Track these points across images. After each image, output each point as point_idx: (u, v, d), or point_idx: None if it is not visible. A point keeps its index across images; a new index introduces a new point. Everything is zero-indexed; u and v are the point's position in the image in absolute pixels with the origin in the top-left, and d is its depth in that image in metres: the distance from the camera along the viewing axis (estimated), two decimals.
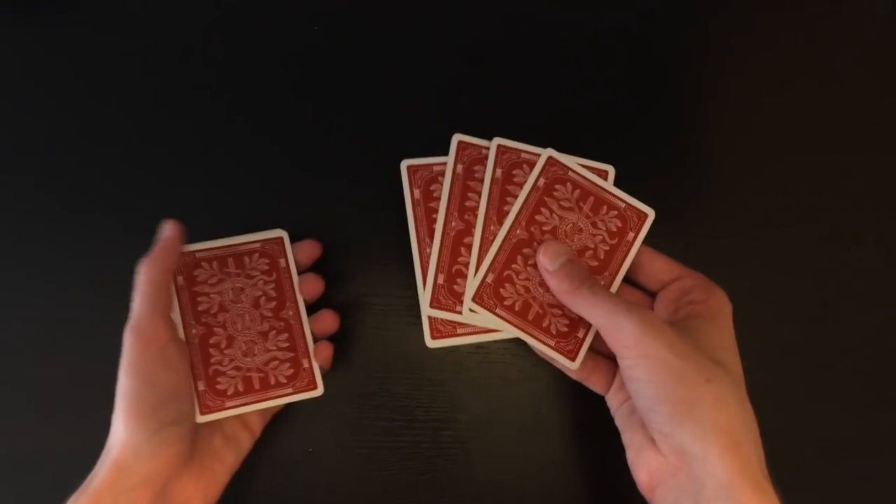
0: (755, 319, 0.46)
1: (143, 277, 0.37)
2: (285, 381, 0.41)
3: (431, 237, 0.40)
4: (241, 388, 0.40)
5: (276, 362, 0.41)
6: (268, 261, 0.43)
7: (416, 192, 0.41)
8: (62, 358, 0.45)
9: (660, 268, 0.41)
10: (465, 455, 0.46)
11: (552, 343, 0.40)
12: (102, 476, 0.35)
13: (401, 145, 0.47)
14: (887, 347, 0.49)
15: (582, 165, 0.42)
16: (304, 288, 0.43)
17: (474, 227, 0.41)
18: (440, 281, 0.40)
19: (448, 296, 0.40)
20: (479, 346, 0.46)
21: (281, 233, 0.44)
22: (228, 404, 0.40)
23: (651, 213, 0.42)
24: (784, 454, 0.35)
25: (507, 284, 0.40)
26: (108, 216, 0.48)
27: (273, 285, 0.43)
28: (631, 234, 0.42)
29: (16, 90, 0.50)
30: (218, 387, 0.40)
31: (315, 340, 0.43)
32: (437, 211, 0.41)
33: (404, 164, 0.42)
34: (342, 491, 0.45)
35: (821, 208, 0.50)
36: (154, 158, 0.49)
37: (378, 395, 0.46)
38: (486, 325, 0.40)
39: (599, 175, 0.42)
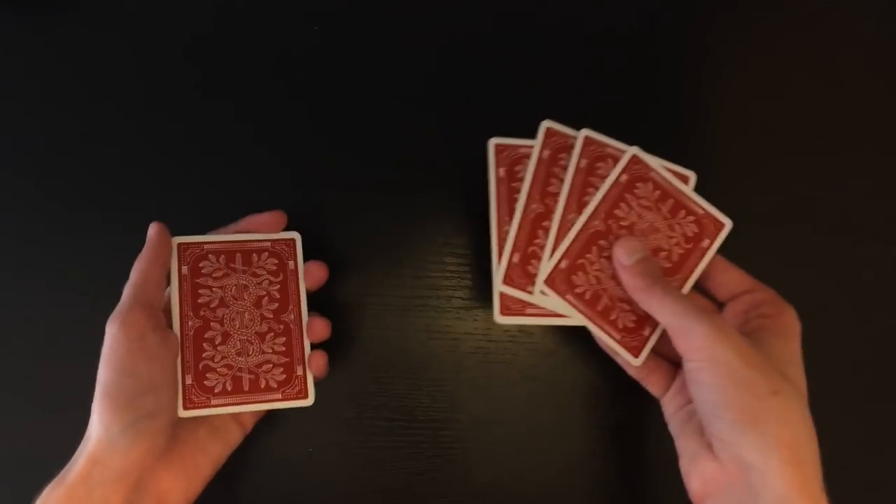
0: None
1: (132, 271, 0.38)
2: (276, 387, 0.40)
3: (511, 216, 0.41)
4: (229, 388, 0.39)
5: (270, 365, 0.40)
6: (276, 261, 0.42)
7: (501, 171, 0.42)
8: (62, 358, 0.45)
9: (732, 278, 0.41)
10: (464, 455, 0.46)
11: (618, 337, 0.40)
12: (78, 468, 0.34)
13: (404, 146, 0.49)
14: (887, 347, 0.49)
15: (665, 168, 0.42)
16: (309, 276, 0.43)
17: (553, 212, 0.41)
18: (515, 259, 0.40)
19: (521, 275, 0.40)
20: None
21: (294, 234, 0.43)
22: (214, 402, 0.39)
23: (729, 224, 0.42)
24: None
25: (579, 272, 0.40)
26: (108, 216, 0.48)
27: (278, 286, 0.42)
28: (706, 241, 0.42)
29: (16, 91, 0.50)
30: (206, 383, 0.39)
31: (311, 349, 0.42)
32: (518, 191, 0.41)
33: (492, 141, 0.42)
34: (342, 491, 0.45)
35: (820, 208, 0.50)
36: (153, 159, 0.49)
37: (378, 395, 0.46)
38: (555, 308, 0.40)
39: (681, 179, 0.43)
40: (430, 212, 0.48)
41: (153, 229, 0.40)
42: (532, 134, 0.42)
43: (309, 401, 0.41)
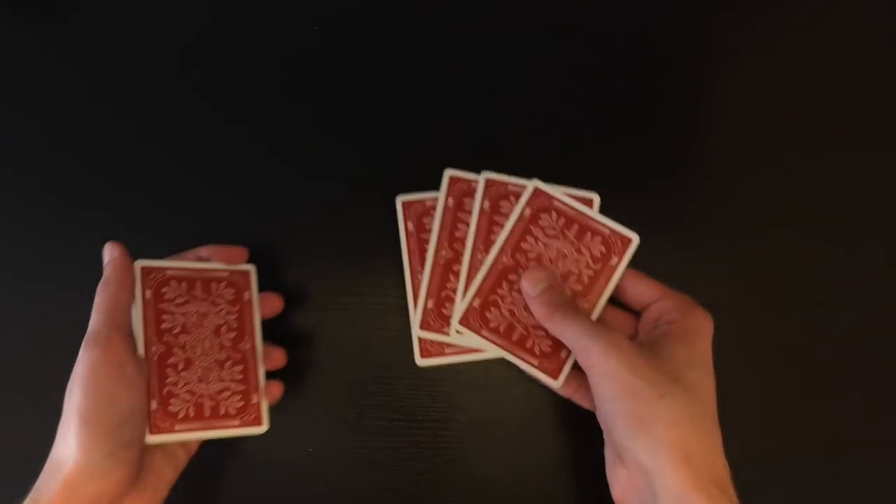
0: (754, 321, 0.47)
1: (100, 294, 0.38)
2: (234, 413, 0.41)
3: (422, 265, 0.44)
4: (191, 413, 0.40)
5: (228, 393, 0.42)
6: (234, 291, 0.44)
7: (410, 225, 0.45)
8: (62, 358, 0.42)
9: (642, 290, 0.43)
10: (464, 455, 0.46)
11: (536, 363, 0.42)
12: (52, 493, 0.35)
13: (405, 146, 0.49)
14: (886, 348, 0.48)
15: (568, 195, 0.45)
16: (265, 305, 0.45)
17: (462, 256, 0.44)
18: (429, 305, 0.43)
19: (437, 318, 0.43)
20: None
21: (249, 267, 0.45)
22: (178, 427, 0.40)
23: (635, 238, 0.44)
24: (783, 454, 0.35)
25: (492, 308, 0.43)
26: (107, 216, 0.49)
27: (236, 316, 0.43)
28: (615, 259, 0.44)
29: (16, 91, 0.51)
30: (170, 408, 0.40)
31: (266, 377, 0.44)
32: (428, 241, 0.44)
33: (399, 199, 0.46)
34: (342, 491, 0.46)
35: (820, 209, 0.50)
36: (153, 159, 0.50)
37: (378, 395, 0.47)
38: (472, 345, 0.43)
39: (585, 203, 0.45)
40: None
41: (115, 250, 0.40)
42: (527, 125, 0.43)
43: (263, 428, 0.42)
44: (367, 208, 0.49)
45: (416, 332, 0.43)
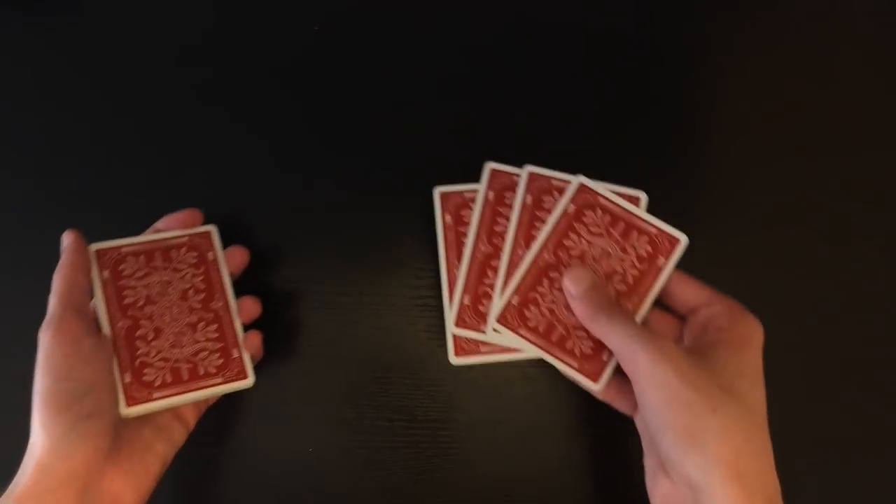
0: None
1: (55, 280, 0.38)
2: (215, 371, 0.40)
3: (460, 260, 0.42)
4: (168, 379, 0.39)
5: (206, 353, 0.41)
6: (196, 254, 0.43)
7: (448, 217, 0.44)
8: None
9: (690, 293, 0.41)
10: (464, 455, 0.46)
11: (576, 365, 0.40)
12: (26, 479, 0.34)
13: (405, 146, 0.49)
14: (887, 347, 0.48)
15: (614, 192, 0.43)
16: (230, 261, 0.44)
17: (502, 251, 0.42)
18: (466, 301, 0.42)
19: (473, 315, 0.41)
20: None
21: (209, 227, 0.44)
22: (156, 395, 0.39)
23: (684, 239, 0.42)
24: (784, 454, 0.34)
25: (531, 306, 0.41)
26: (107, 216, 0.48)
27: (202, 277, 0.43)
28: (661, 260, 0.42)
29: (15, 91, 0.51)
30: (144, 378, 0.39)
31: (245, 329, 0.43)
32: (466, 235, 0.43)
33: (437, 190, 0.44)
34: (342, 491, 0.45)
35: (821, 208, 0.50)
36: (153, 159, 0.50)
37: (378, 395, 0.46)
38: (509, 344, 0.41)
39: (631, 201, 0.43)
40: (431, 212, 0.48)
41: (69, 237, 0.40)
42: (527, 125, 0.44)
43: (249, 381, 0.41)
44: (367, 208, 0.49)
45: (451, 329, 0.41)
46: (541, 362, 0.46)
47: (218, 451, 0.46)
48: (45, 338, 0.37)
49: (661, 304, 0.42)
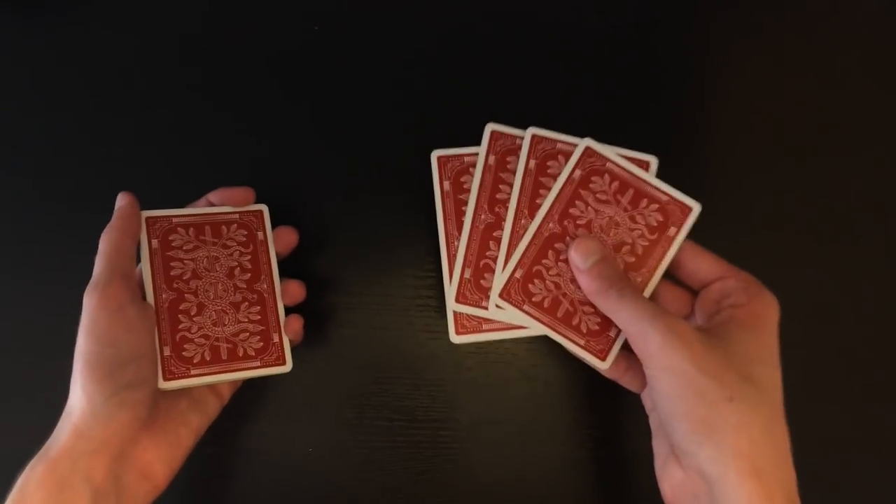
0: None
1: (103, 242, 0.38)
2: (253, 354, 0.40)
3: (460, 231, 0.40)
4: (207, 357, 0.39)
5: (247, 334, 0.41)
6: (245, 232, 0.43)
7: (446, 184, 0.41)
8: (62, 358, 0.44)
9: (702, 266, 0.39)
10: (464, 455, 0.46)
11: (582, 342, 0.38)
12: (61, 442, 0.34)
13: (405, 146, 0.48)
14: (887, 347, 0.48)
15: (622, 156, 0.40)
16: (278, 241, 0.43)
17: (504, 221, 0.39)
18: (467, 275, 0.39)
19: (475, 291, 0.39)
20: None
21: (261, 206, 0.44)
22: (193, 372, 0.39)
23: (696, 207, 0.40)
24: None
25: (536, 280, 0.39)
26: (109, 216, 0.46)
27: (249, 257, 0.42)
28: (672, 230, 0.39)
29: (15, 91, 0.50)
30: (184, 353, 0.39)
31: (286, 313, 0.42)
32: (466, 203, 0.40)
33: (435, 154, 0.41)
34: (342, 491, 0.45)
35: (820, 208, 0.50)
36: (153, 158, 0.49)
37: (378, 395, 0.46)
38: (513, 321, 0.39)
39: (640, 166, 0.40)
40: (431, 212, 0.48)
41: (123, 199, 0.40)
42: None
43: (287, 367, 0.41)
44: (367, 209, 0.49)
45: (451, 306, 0.39)
46: (539, 361, 0.46)
47: (218, 451, 0.46)
48: (90, 302, 0.36)
49: (671, 276, 0.40)
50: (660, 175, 0.40)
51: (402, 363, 0.47)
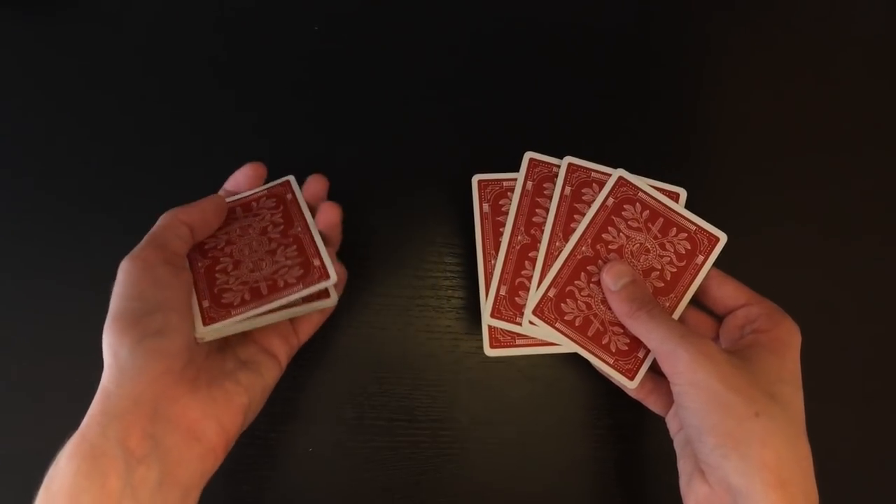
0: None
1: (164, 216, 0.37)
2: (294, 281, 0.39)
3: (497, 250, 0.42)
4: (247, 297, 0.38)
5: (285, 269, 0.39)
6: (274, 199, 0.43)
7: (486, 206, 0.43)
8: (62, 358, 0.44)
9: (727, 293, 0.40)
10: (464, 455, 0.46)
11: (611, 361, 0.40)
12: (91, 409, 0.32)
13: (405, 147, 0.49)
14: (887, 347, 0.48)
15: (653, 187, 0.42)
16: (307, 190, 0.43)
17: (539, 242, 0.42)
18: (502, 292, 0.41)
19: (509, 307, 0.41)
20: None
21: (287, 178, 0.44)
22: (234, 312, 0.37)
23: (723, 238, 0.42)
24: None
25: (568, 300, 0.40)
26: (109, 216, 0.48)
27: (280, 214, 0.42)
28: (700, 258, 0.41)
29: (16, 89, 0.50)
30: (223, 300, 0.37)
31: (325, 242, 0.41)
32: (504, 225, 0.42)
33: (476, 178, 0.43)
34: (342, 491, 0.45)
35: (820, 207, 0.50)
36: (155, 158, 0.49)
37: (378, 395, 0.46)
38: (545, 337, 0.40)
39: (671, 197, 0.42)
40: (431, 212, 0.48)
41: (213, 202, 0.40)
42: (527, 136, 0.44)
43: (331, 280, 0.39)
44: (369, 210, 0.49)
45: (487, 320, 0.41)
46: (539, 362, 0.47)
47: None
48: (121, 266, 0.34)
49: (696, 302, 0.42)
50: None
51: (402, 363, 0.46)
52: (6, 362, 0.46)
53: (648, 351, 0.40)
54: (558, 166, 0.43)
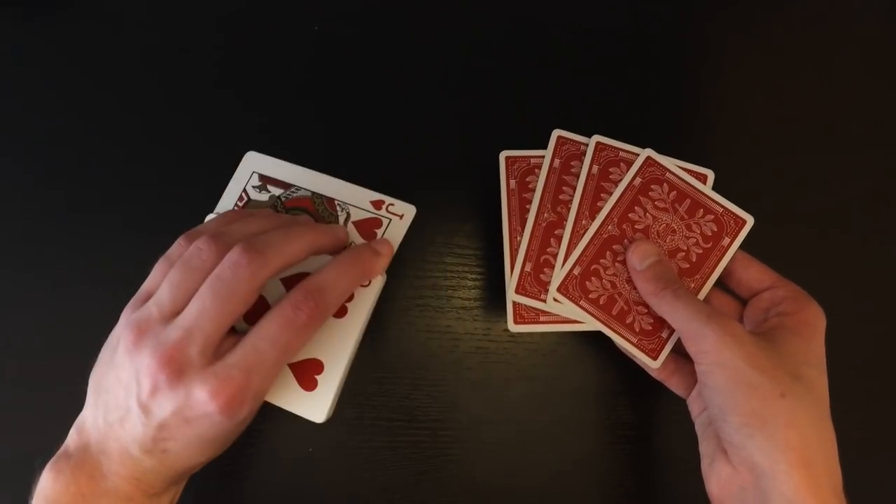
0: None
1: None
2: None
3: (523, 226, 0.42)
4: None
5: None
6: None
7: (512, 182, 0.43)
8: (63, 357, 0.43)
9: (753, 275, 0.40)
10: (464, 455, 0.46)
11: (634, 340, 0.40)
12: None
13: (405, 147, 0.49)
14: (887, 347, 0.48)
15: (681, 168, 0.42)
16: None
17: (566, 220, 0.41)
18: (527, 269, 0.41)
19: (534, 283, 0.41)
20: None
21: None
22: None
23: (750, 220, 0.41)
24: None
25: (593, 278, 0.40)
26: (112, 214, 0.48)
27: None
28: (727, 240, 0.41)
29: (18, 88, 0.50)
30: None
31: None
32: (530, 202, 0.42)
33: (503, 154, 0.43)
34: (342, 491, 0.45)
35: (820, 207, 0.50)
36: (157, 156, 0.49)
37: (378, 395, 0.46)
38: (569, 315, 0.40)
39: (698, 178, 0.42)
40: (431, 212, 0.47)
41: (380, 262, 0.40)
42: (536, 132, 0.43)
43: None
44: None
45: (511, 296, 0.41)
46: (539, 362, 0.47)
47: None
48: (213, 408, 0.32)
49: (720, 285, 0.42)
50: None
51: (402, 363, 0.47)
52: (6, 362, 0.46)
53: (672, 331, 0.40)
54: (586, 144, 0.43)
